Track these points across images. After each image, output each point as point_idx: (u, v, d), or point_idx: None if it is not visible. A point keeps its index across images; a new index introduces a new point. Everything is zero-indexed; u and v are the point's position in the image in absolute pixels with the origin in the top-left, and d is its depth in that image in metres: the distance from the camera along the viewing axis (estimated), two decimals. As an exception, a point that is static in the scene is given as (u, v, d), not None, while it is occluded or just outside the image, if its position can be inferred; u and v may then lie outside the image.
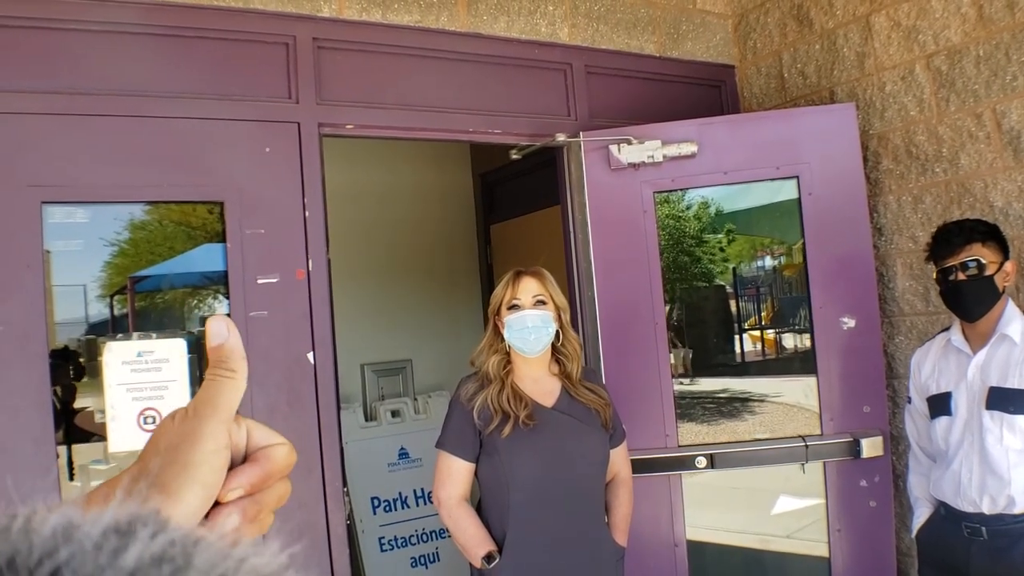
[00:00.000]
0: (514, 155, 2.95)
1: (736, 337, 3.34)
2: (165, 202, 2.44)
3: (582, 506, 2.13)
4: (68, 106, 2.21)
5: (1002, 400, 2.14)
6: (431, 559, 4.14)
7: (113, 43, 2.29)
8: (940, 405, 2.30)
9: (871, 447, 2.72)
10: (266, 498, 0.48)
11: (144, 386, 2.17)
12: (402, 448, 4.23)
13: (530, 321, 2.13)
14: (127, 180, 2.27)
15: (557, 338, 2.20)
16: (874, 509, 2.77)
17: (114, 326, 2.42)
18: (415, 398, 4.43)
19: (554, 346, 2.22)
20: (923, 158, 2.77)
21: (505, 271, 2.26)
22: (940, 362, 2.34)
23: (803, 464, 2.77)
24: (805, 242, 2.83)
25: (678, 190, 3.00)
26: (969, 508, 2.18)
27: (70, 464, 2.32)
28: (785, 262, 3.21)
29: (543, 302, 2.17)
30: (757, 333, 3.27)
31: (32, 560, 0.25)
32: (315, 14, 2.55)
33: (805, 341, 2.95)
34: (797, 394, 2.99)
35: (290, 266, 2.45)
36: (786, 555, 3.05)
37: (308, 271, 2.47)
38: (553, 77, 3.01)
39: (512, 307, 2.16)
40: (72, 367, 2.37)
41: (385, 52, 2.69)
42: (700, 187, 2.97)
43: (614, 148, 2.83)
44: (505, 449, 2.06)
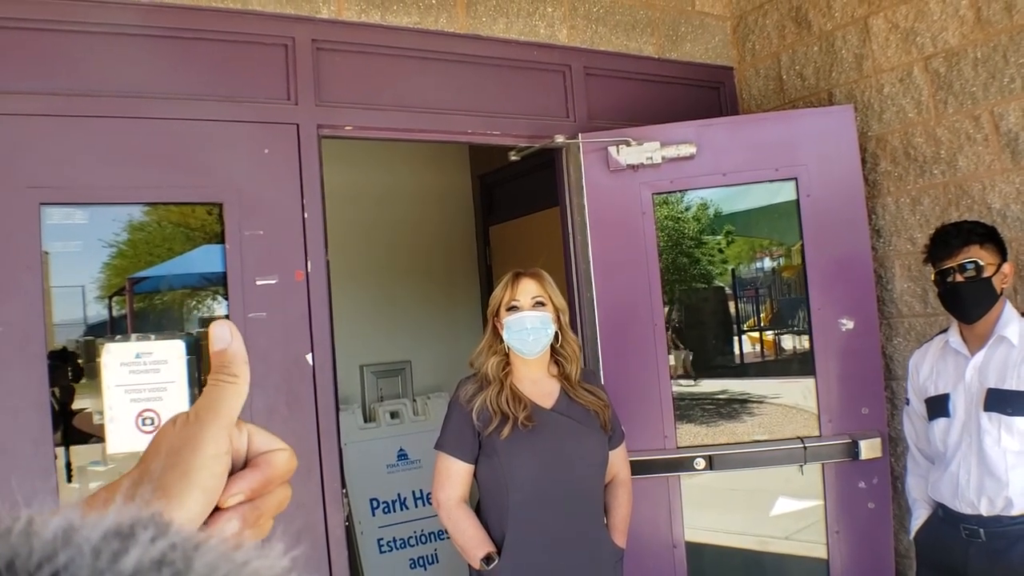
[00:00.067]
0: (513, 156, 2.95)
1: (735, 338, 3.34)
2: (164, 203, 2.43)
3: (581, 507, 2.12)
4: (67, 107, 2.20)
5: (1000, 402, 2.14)
6: (430, 560, 4.14)
7: (112, 44, 2.28)
8: (938, 407, 2.30)
9: (869, 449, 2.72)
10: (266, 504, 0.48)
11: (142, 387, 2.17)
12: (401, 449, 4.23)
13: (529, 323, 2.13)
14: (126, 181, 2.27)
15: (556, 339, 2.19)
16: (872, 511, 2.77)
17: (113, 327, 2.41)
18: (414, 399, 4.43)
19: (553, 347, 2.22)
20: (921, 160, 2.77)
21: (504, 272, 2.26)
22: (938, 364, 2.34)
23: (802, 466, 2.77)
24: (804, 243, 2.83)
25: (677, 191, 3.00)
26: (967, 510, 2.18)
27: (68, 465, 2.32)
28: (784, 263, 3.21)
29: (542, 303, 2.17)
30: (756, 334, 3.27)
31: (32, 563, 0.25)
32: (314, 15, 2.55)
33: (804, 342, 2.95)
34: (796, 395, 2.99)
35: (289, 267, 2.45)
36: (785, 556, 3.05)
37: (307, 272, 2.47)
38: (552, 79, 3.01)
39: (511, 308, 2.16)
40: (71, 368, 2.36)
41: (384, 53, 2.69)
42: (699, 188, 2.97)
43: (613, 150, 2.83)
44: (504, 450, 2.06)
